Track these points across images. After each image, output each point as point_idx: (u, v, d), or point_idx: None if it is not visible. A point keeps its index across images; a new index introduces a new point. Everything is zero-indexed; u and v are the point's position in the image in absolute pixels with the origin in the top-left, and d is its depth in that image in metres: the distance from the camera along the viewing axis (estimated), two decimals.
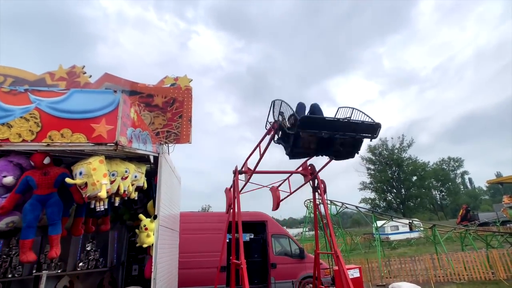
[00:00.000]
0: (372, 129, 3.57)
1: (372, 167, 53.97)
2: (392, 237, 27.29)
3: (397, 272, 10.78)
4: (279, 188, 7.23)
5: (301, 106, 3.59)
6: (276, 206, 7.10)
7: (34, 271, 3.85)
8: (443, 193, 57.19)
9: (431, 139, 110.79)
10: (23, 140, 2.97)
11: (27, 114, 3.09)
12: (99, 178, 3.03)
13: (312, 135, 3.30)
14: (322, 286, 6.75)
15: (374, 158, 53.91)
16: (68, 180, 2.99)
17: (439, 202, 57.71)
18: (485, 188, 72.25)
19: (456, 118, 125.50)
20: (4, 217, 2.93)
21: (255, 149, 6.09)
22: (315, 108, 3.54)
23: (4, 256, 3.99)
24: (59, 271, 4.12)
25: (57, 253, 3.03)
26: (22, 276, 3.98)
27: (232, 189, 6.51)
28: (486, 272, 10.24)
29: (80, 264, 4.34)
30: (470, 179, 75.84)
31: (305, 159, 6.50)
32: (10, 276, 3.91)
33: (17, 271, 3.96)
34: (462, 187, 66.16)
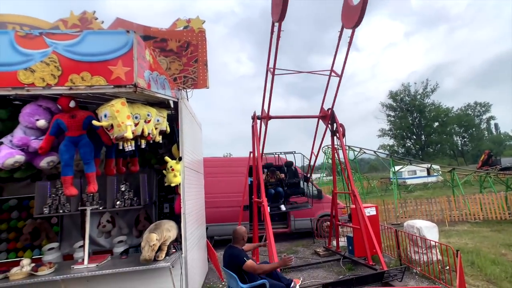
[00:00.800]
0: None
1: (393, 113, 52.33)
2: (409, 181, 27.67)
3: (412, 212, 11.13)
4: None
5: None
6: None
7: (80, 207, 4.33)
8: (465, 139, 55.44)
9: (458, 83, 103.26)
10: (47, 84, 3.02)
11: (46, 58, 3.08)
12: (123, 120, 3.11)
13: None
14: (339, 223, 7.15)
15: (395, 104, 51.87)
16: (94, 122, 3.10)
17: (460, 148, 56.32)
18: (511, 134, 69.06)
19: (487, 61, 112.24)
20: (44, 157, 3.16)
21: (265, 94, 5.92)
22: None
23: (54, 196, 4.57)
24: (100, 208, 4.62)
25: (94, 188, 3.31)
26: (71, 211, 4.57)
27: (252, 134, 6.59)
28: (503, 212, 10.34)
29: (118, 202, 4.78)
30: (496, 125, 71.94)
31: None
32: (61, 211, 4.53)
33: (66, 208, 4.56)
34: (486, 133, 63.38)
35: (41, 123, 3.11)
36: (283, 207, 6.77)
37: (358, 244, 6.24)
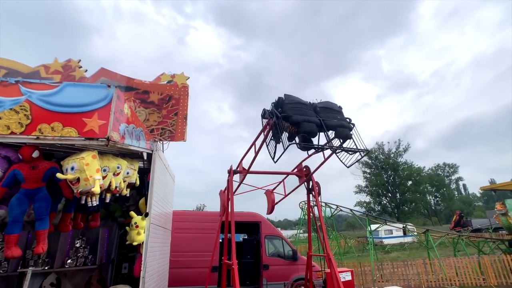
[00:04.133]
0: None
1: (368, 170, 54.21)
2: (385, 241, 27.38)
3: (389, 276, 10.79)
4: (274, 191, 7.13)
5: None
6: (270, 210, 6.98)
7: (19, 267, 3.75)
8: (437, 199, 57.58)
9: (427, 144, 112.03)
10: (12, 132, 2.91)
11: (17, 106, 3.03)
12: (92, 174, 2.97)
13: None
14: None
15: (370, 161, 54.16)
16: (59, 175, 2.93)
17: (433, 207, 58.08)
18: (479, 195, 72.94)
19: (452, 124, 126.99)
20: None
21: (250, 148, 5.99)
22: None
23: None
24: (46, 267, 4.03)
25: (43, 248, 2.96)
26: (7, 272, 3.86)
27: (226, 189, 6.45)
28: (477, 278, 10.28)
29: (68, 261, 4.24)
30: (464, 185, 76.50)
31: (301, 160, 6.46)
32: None
33: (2, 267, 3.84)
34: (456, 193, 66.66)
35: None
36: None
37: None
